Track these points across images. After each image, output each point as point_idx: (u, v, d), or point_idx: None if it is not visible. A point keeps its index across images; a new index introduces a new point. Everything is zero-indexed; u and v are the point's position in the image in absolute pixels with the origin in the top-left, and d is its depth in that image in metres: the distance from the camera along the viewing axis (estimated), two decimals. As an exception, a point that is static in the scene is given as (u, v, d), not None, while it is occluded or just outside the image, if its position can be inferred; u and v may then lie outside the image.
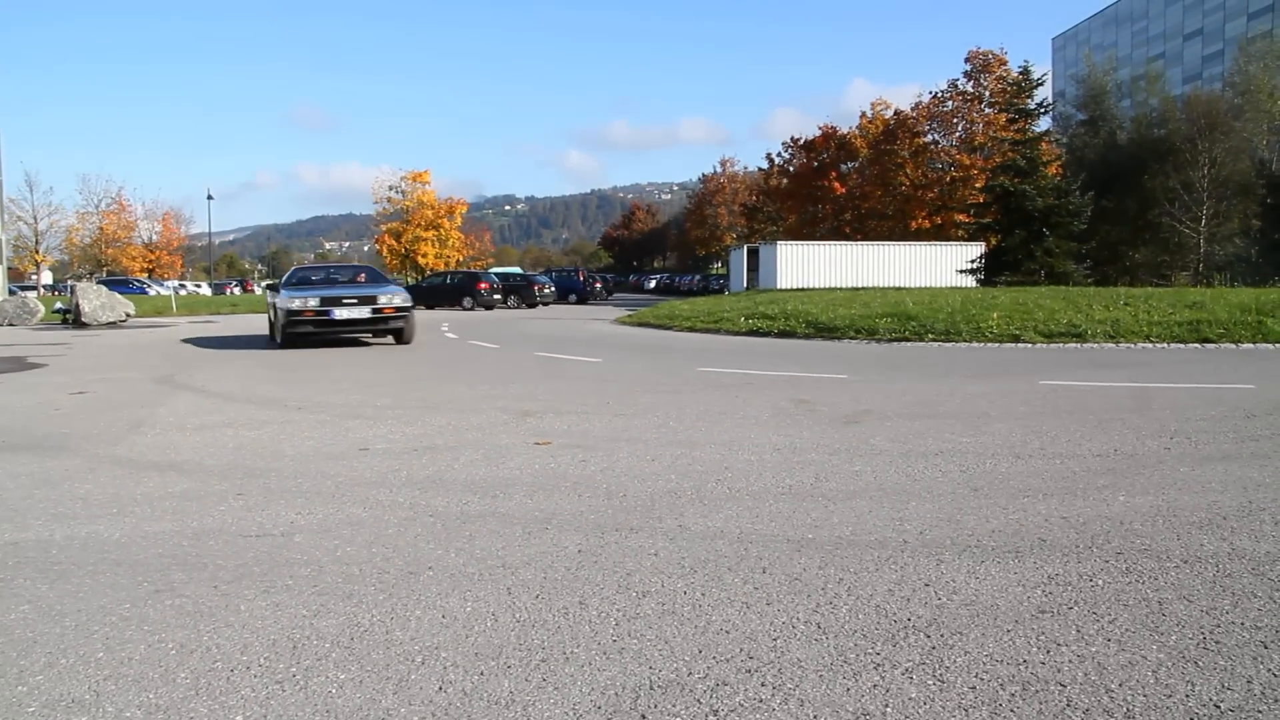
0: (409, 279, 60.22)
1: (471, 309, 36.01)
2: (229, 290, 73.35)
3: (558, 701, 2.47)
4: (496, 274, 45.78)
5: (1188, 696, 2.42)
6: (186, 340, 18.34)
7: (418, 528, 4.22)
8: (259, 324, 24.80)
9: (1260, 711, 2.34)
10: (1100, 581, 3.30)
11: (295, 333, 15.34)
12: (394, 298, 15.94)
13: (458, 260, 71.99)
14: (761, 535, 3.96)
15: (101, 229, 69.64)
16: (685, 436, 6.46)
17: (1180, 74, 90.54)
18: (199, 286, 71.56)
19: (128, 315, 26.03)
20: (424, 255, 69.93)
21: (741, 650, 2.77)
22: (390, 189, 72.90)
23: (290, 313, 15.17)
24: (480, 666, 2.70)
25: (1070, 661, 2.64)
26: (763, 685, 2.53)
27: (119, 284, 49.25)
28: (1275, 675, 2.53)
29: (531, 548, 3.85)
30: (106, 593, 3.40)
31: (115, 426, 7.35)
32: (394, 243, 70.96)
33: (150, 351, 15.68)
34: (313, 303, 15.23)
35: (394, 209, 73.10)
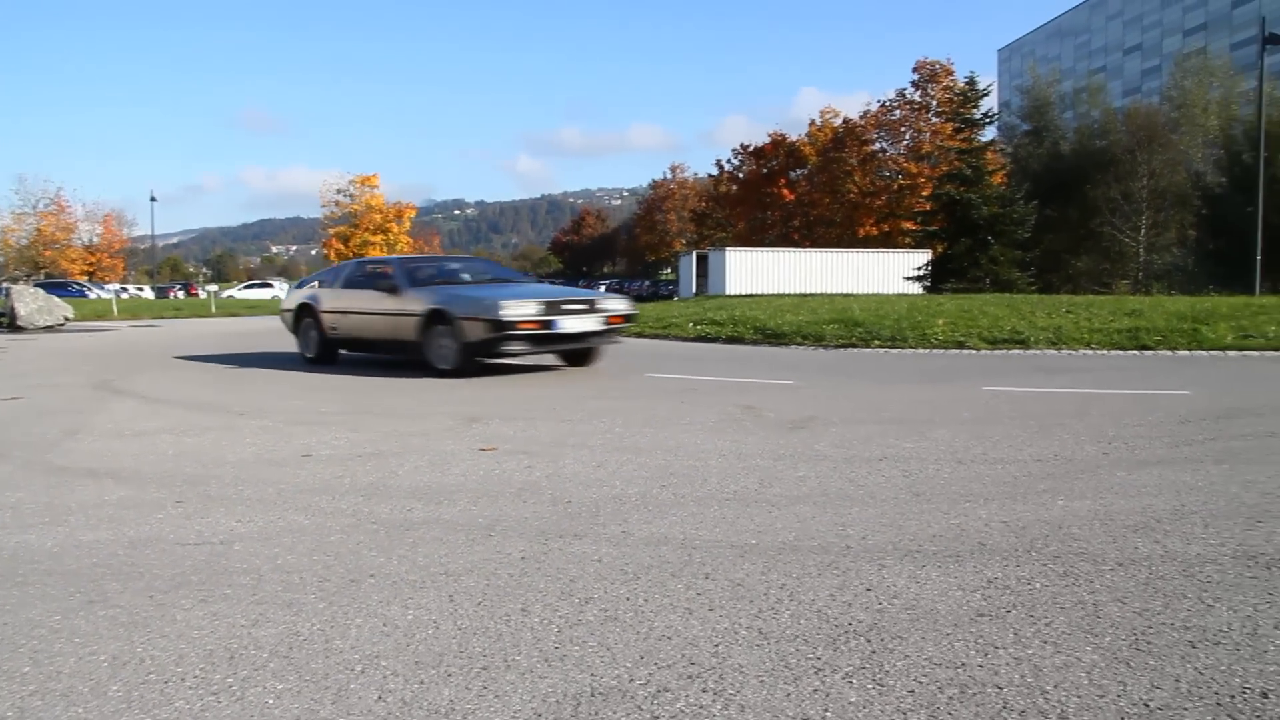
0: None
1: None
2: (172, 294, 72.11)
3: (498, 710, 2.45)
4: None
5: (1119, 696, 2.46)
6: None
7: (360, 535, 4.17)
8: (209, 330, 24.43)
9: (1186, 709, 2.39)
10: (1038, 585, 3.35)
11: (502, 350, 10.78)
12: (616, 303, 11.81)
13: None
14: (705, 541, 3.97)
15: (39, 230, 68.21)
16: (631, 442, 6.46)
17: (1121, 87, 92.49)
18: (141, 290, 70.27)
19: (66, 319, 25.50)
20: (372, 259, 69.47)
21: (683, 656, 2.77)
22: (338, 192, 72.41)
23: (501, 324, 10.45)
24: (420, 675, 2.68)
25: (1007, 664, 2.68)
26: (704, 691, 2.54)
27: (57, 287, 48.23)
28: (1202, 674, 2.59)
29: (475, 555, 3.83)
30: (36, 604, 3.32)
31: (50, 433, 7.20)
32: (342, 246, 70.38)
33: (90, 357, 15.38)
34: (531, 310, 10.67)
35: (342, 213, 72.55)
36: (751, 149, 72.40)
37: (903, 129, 61.13)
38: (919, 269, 40.20)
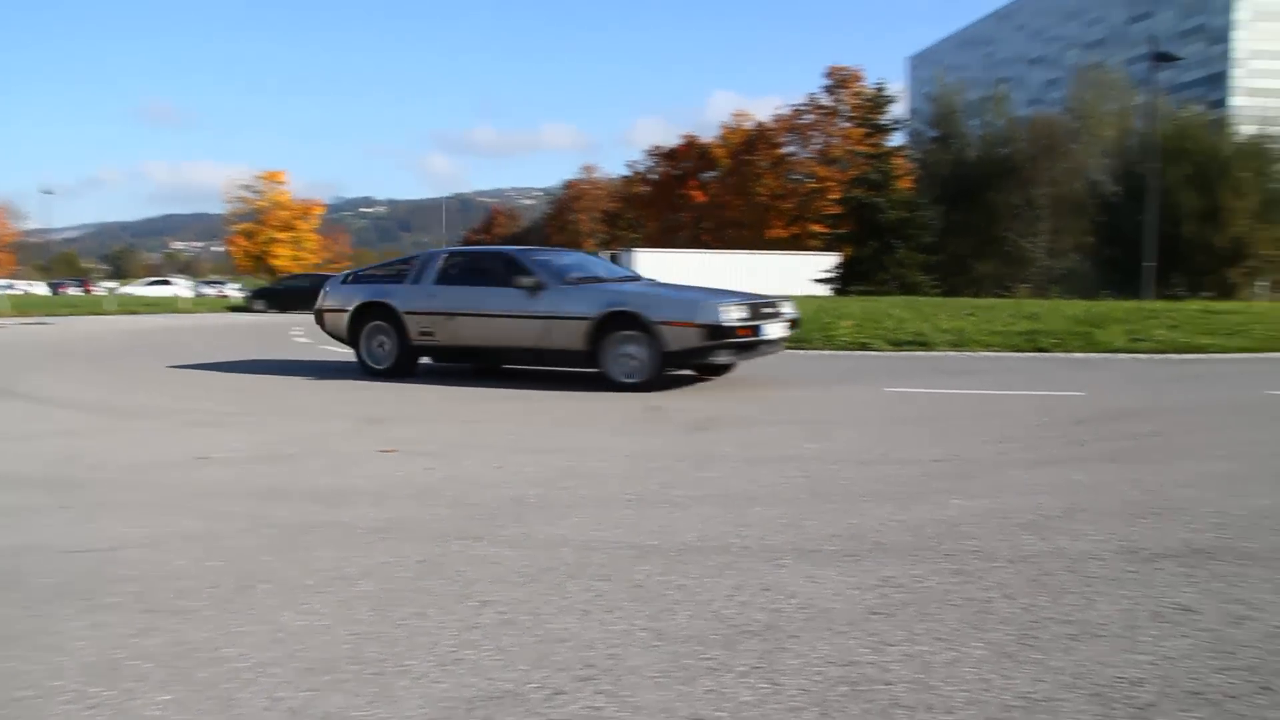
0: (262, 282, 58.39)
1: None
2: (64, 290, 69.40)
3: (390, 716, 2.42)
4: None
5: (1004, 689, 2.52)
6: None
7: (254, 539, 4.08)
8: (107, 329, 23.65)
9: (1066, 699, 2.46)
10: (931, 582, 3.41)
11: (708, 359, 9.61)
12: (788, 306, 10.48)
13: (315, 263, 70.29)
14: (605, 542, 3.97)
15: (-80, 223, 65.44)
16: (534, 443, 6.44)
17: (1025, 97, 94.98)
18: (31, 286, 67.55)
19: (-48, 317, 24.47)
20: (278, 257, 68.10)
21: (579, 658, 2.76)
22: (244, 188, 70.85)
23: (721, 329, 9.08)
24: (311, 682, 2.62)
25: (898, 660, 2.72)
26: (598, 693, 2.53)
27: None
28: (1082, 666, 2.67)
29: (372, 558, 3.77)
30: (-98, 617, 3.17)
31: (-70, 435, 6.91)
32: (247, 244, 68.95)
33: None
34: (745, 313, 9.33)
35: (247, 209, 71.03)
36: (664, 151, 72.89)
37: (813, 133, 62.05)
38: (827, 271, 40.86)
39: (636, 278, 11.41)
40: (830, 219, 46.32)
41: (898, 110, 45.99)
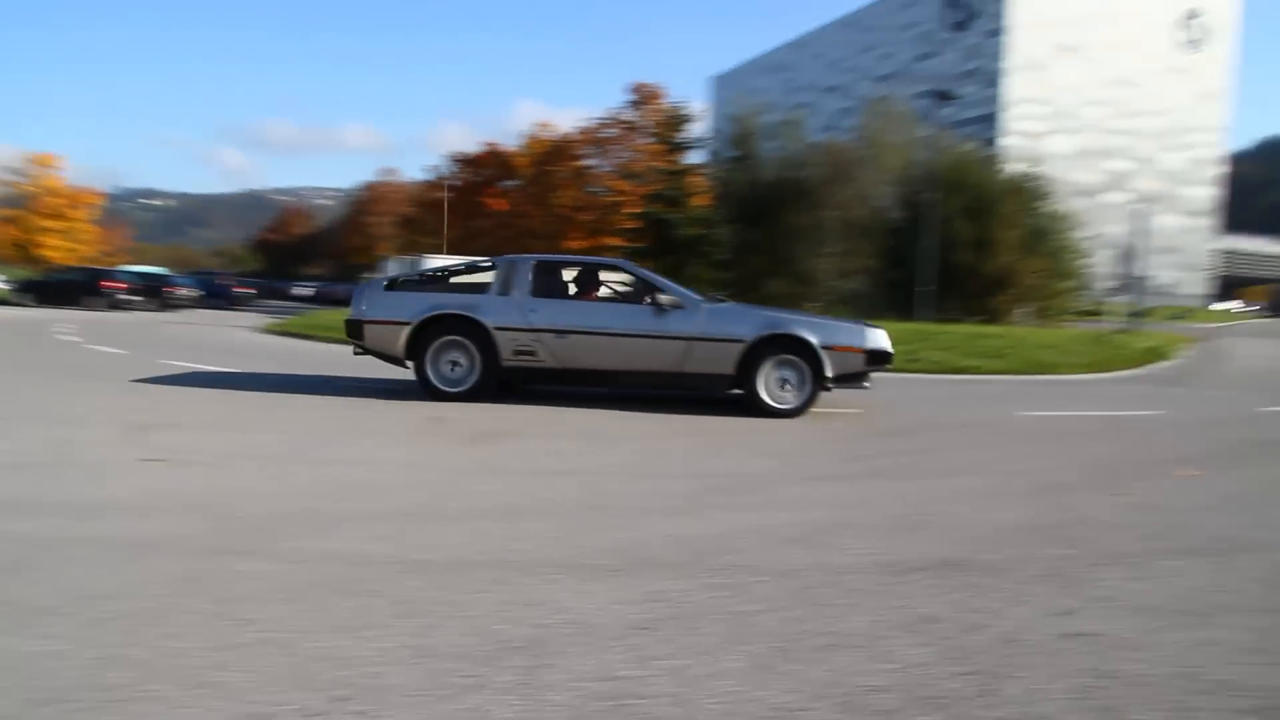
0: (29, 274, 54.37)
1: (99, 310, 32.87)
2: None
3: (125, 746, 2.29)
4: (135, 273, 42.01)
5: (763, 701, 2.61)
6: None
7: (-7, 557, 3.78)
8: None
9: (816, 708, 2.58)
10: (697, 597, 3.49)
11: (854, 384, 9.24)
12: None
13: (92, 256, 65.87)
14: (376, 557, 3.88)
15: None
16: (311, 454, 6.24)
17: (821, 123, 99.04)
18: None
19: None
20: (48, 248, 63.40)
21: (338, 678, 2.69)
22: (9, 171, 65.63)
23: (879, 354, 9.05)
24: (40, 714, 2.45)
25: (660, 674, 2.78)
26: (354, 714, 2.47)
27: None
28: (836, 674, 2.81)
29: (126, 576, 3.55)
30: None
31: None
32: (13, 232, 63.93)
33: None
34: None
35: (13, 194, 65.82)
36: (466, 157, 72.17)
37: (614, 147, 62.71)
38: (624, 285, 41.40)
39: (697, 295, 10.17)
40: (628, 233, 47.03)
41: (700, 129, 47.29)
